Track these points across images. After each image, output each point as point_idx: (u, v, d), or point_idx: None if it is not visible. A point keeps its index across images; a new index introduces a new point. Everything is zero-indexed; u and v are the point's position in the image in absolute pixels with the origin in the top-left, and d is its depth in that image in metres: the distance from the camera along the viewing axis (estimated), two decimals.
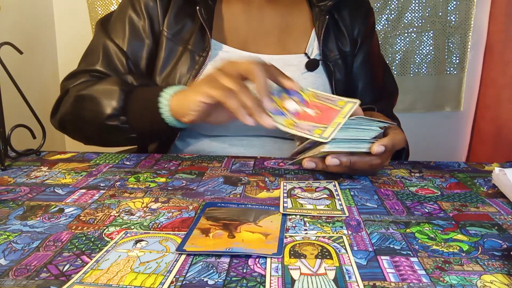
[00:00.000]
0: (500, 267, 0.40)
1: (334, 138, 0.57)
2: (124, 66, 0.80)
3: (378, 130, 0.61)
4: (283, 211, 0.51)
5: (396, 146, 0.61)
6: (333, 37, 0.85)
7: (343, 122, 0.57)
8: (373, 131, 0.60)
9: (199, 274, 0.38)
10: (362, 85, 0.90)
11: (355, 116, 0.59)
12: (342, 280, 0.37)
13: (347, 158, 0.59)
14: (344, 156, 0.59)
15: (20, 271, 0.38)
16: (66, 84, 0.81)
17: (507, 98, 1.42)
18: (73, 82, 0.80)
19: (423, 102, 1.53)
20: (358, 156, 0.60)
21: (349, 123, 0.59)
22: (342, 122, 0.57)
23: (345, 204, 0.54)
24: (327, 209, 0.52)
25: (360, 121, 0.60)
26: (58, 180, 0.62)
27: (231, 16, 0.85)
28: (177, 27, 0.81)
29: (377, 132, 0.61)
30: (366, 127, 0.60)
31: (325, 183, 0.61)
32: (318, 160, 0.61)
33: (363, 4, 0.91)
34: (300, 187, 0.60)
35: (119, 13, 0.84)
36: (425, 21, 1.45)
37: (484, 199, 0.56)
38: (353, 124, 0.59)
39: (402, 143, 0.63)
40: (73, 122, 0.79)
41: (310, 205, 0.54)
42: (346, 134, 0.58)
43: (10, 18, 1.21)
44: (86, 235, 0.45)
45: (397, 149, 0.63)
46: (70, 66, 0.86)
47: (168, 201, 0.54)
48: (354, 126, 0.59)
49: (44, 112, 0.81)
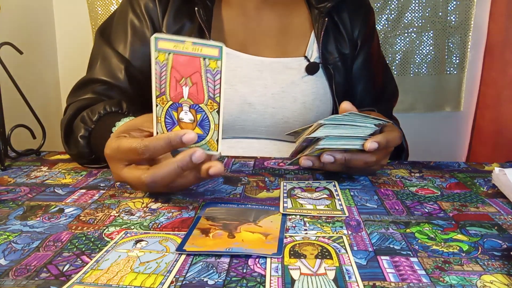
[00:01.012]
0: (500, 267, 0.40)
1: (328, 135, 0.57)
2: (123, 74, 0.79)
3: (373, 128, 0.60)
4: (283, 211, 0.51)
5: (390, 143, 0.61)
6: (332, 40, 0.84)
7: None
8: (368, 128, 0.60)
9: (199, 274, 0.38)
10: (362, 87, 0.89)
11: (349, 112, 0.59)
12: (342, 280, 0.37)
13: (342, 155, 0.59)
14: (338, 153, 0.59)
15: (20, 271, 0.38)
16: (68, 99, 0.81)
17: (507, 98, 1.42)
18: (70, 99, 0.79)
19: (423, 102, 1.53)
20: (353, 153, 0.59)
21: (343, 119, 0.58)
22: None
23: (345, 204, 0.54)
24: (327, 209, 0.52)
25: (354, 117, 0.59)
26: (58, 180, 0.62)
27: (229, 17, 0.84)
28: (176, 28, 0.80)
29: (373, 130, 0.60)
30: (361, 123, 0.59)
31: (325, 183, 0.61)
32: (315, 158, 0.60)
33: (363, 5, 0.90)
34: (300, 187, 0.60)
35: (120, 17, 0.83)
36: (425, 21, 1.45)
37: (484, 199, 0.56)
38: (348, 121, 0.59)
39: (397, 140, 0.62)
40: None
41: (310, 205, 0.54)
42: (340, 131, 0.58)
43: (10, 18, 1.21)
44: (86, 235, 0.45)
45: (392, 146, 0.62)
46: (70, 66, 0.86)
47: (168, 201, 0.54)
48: (349, 122, 0.59)
49: (44, 112, 0.81)
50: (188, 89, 0.49)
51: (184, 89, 0.49)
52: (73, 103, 0.77)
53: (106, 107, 0.68)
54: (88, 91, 0.78)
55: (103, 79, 0.79)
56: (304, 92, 0.81)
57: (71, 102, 0.78)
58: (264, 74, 0.81)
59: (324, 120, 0.57)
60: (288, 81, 0.81)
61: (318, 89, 0.83)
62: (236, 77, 0.80)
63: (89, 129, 0.67)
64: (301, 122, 0.82)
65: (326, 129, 0.58)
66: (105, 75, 0.79)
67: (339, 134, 0.58)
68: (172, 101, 0.50)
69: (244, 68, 0.81)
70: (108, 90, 0.78)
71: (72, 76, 0.85)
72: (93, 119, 0.68)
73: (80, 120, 0.69)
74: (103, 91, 0.78)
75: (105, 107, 0.68)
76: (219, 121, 0.50)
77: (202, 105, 0.50)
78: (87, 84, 0.80)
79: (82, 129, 0.68)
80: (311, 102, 0.82)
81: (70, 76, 0.85)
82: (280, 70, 0.82)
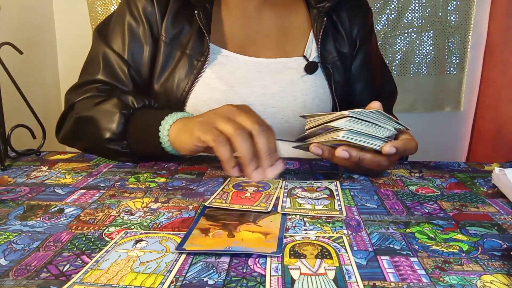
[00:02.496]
0: (500, 267, 0.40)
1: (350, 129, 0.56)
2: (126, 75, 0.79)
3: (392, 131, 0.60)
4: (282, 211, 0.51)
5: (406, 152, 0.60)
6: (331, 39, 0.85)
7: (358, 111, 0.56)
8: (388, 131, 0.59)
9: (199, 274, 0.38)
10: (362, 86, 0.90)
11: (375, 110, 0.58)
12: (342, 280, 0.37)
13: (357, 154, 0.58)
14: (355, 150, 0.58)
15: (20, 271, 0.38)
16: (70, 97, 0.79)
17: (507, 98, 1.42)
18: (77, 96, 0.78)
19: (423, 102, 1.53)
20: (369, 153, 0.59)
21: (369, 115, 0.57)
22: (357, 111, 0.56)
23: (345, 204, 0.54)
24: (325, 209, 0.52)
25: (379, 116, 0.58)
26: (58, 180, 0.62)
27: (229, 19, 0.84)
28: (175, 31, 0.80)
29: (391, 133, 0.60)
30: (383, 124, 0.59)
31: (327, 183, 0.61)
32: (326, 148, 0.60)
33: (361, 5, 0.90)
34: (301, 187, 0.60)
35: (117, 18, 0.82)
36: (425, 21, 1.45)
37: (484, 199, 0.56)
38: (372, 118, 0.58)
39: (413, 150, 0.61)
40: (76, 143, 0.78)
41: (309, 205, 0.54)
42: (361, 127, 0.57)
43: (10, 18, 1.21)
44: (86, 235, 0.45)
45: (406, 155, 0.62)
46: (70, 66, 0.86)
47: (168, 201, 0.54)
48: (372, 120, 0.58)
49: (44, 112, 0.81)
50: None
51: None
52: (84, 99, 0.77)
53: (145, 100, 0.73)
54: (92, 89, 0.78)
55: (107, 81, 0.79)
56: (304, 91, 0.81)
57: (77, 99, 0.77)
58: (263, 74, 0.81)
59: (349, 112, 0.56)
60: (287, 81, 0.81)
61: (317, 88, 0.83)
62: (235, 79, 0.80)
63: (130, 111, 0.70)
64: (301, 122, 0.82)
65: (349, 122, 0.57)
66: (109, 77, 0.79)
67: (360, 130, 0.57)
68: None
69: (243, 70, 0.81)
70: (111, 91, 0.79)
71: (72, 76, 0.84)
72: (136, 105, 0.71)
73: (119, 102, 0.72)
74: (107, 92, 0.78)
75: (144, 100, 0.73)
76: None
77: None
78: (89, 83, 0.79)
79: (121, 109, 0.70)
80: (310, 101, 0.82)
81: (70, 76, 0.84)
82: (279, 70, 0.82)
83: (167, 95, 0.79)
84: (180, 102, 0.79)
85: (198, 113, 0.79)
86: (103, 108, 0.72)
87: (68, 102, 0.79)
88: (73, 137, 0.77)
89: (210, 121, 0.58)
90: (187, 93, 0.78)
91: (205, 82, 0.79)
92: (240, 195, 0.56)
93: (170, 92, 0.79)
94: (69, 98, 0.79)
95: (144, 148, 0.69)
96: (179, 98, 0.79)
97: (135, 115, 0.71)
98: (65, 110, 0.79)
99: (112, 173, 0.65)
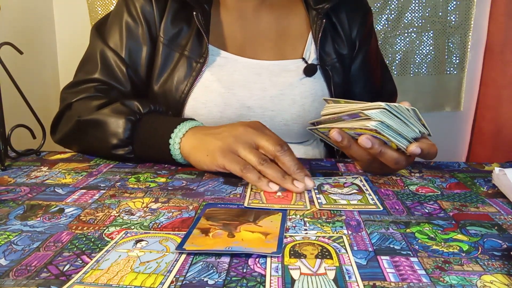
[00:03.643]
0: (500, 267, 0.40)
1: (382, 121, 0.56)
2: (124, 75, 0.79)
3: (417, 134, 0.60)
4: (319, 207, 0.52)
5: (427, 156, 0.60)
6: (330, 41, 0.84)
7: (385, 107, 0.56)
8: (413, 132, 0.59)
9: (199, 274, 0.38)
10: (361, 87, 0.89)
11: (411, 108, 0.58)
12: (342, 280, 0.37)
13: (380, 146, 0.58)
14: (377, 143, 0.58)
15: (20, 271, 0.38)
16: (67, 96, 0.79)
17: (507, 98, 1.42)
18: (74, 95, 0.77)
19: (423, 102, 1.53)
20: (390, 149, 0.59)
21: (404, 112, 0.57)
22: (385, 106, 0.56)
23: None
24: (360, 203, 0.53)
25: (413, 116, 0.58)
26: (58, 180, 0.62)
27: (227, 21, 0.83)
28: (173, 32, 0.79)
29: (416, 135, 0.60)
30: (412, 124, 0.59)
31: (351, 179, 0.63)
32: (346, 136, 0.59)
33: (361, 5, 0.89)
34: (328, 183, 0.61)
35: (115, 17, 0.82)
36: (425, 21, 1.45)
37: (484, 199, 0.57)
38: (405, 116, 0.57)
39: (433, 156, 0.61)
40: (74, 145, 0.77)
41: (344, 200, 0.55)
42: (392, 122, 0.57)
43: (10, 18, 1.21)
44: (86, 235, 0.45)
45: (427, 159, 0.61)
46: (70, 66, 0.86)
47: (168, 201, 0.54)
48: (404, 118, 0.57)
49: (44, 112, 0.81)
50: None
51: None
52: (82, 99, 0.76)
53: (151, 105, 0.71)
54: (89, 89, 0.78)
55: (104, 80, 0.79)
56: (303, 94, 0.81)
57: (75, 99, 0.76)
58: (262, 77, 0.81)
59: (386, 105, 0.56)
60: (286, 84, 0.81)
61: (316, 90, 0.82)
62: (234, 81, 0.79)
63: (137, 117, 0.69)
64: (300, 124, 0.82)
65: (382, 115, 0.56)
66: (106, 77, 0.79)
67: (390, 125, 0.57)
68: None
69: (242, 72, 0.80)
70: (108, 90, 0.78)
71: (72, 76, 0.84)
72: (142, 111, 0.70)
73: (124, 107, 0.70)
74: (104, 91, 0.78)
75: (150, 105, 0.71)
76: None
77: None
78: (86, 82, 0.79)
79: (127, 115, 0.69)
80: (310, 104, 0.81)
81: (70, 76, 0.84)
82: (278, 73, 0.82)
83: (166, 96, 0.79)
84: (179, 103, 0.79)
85: (197, 115, 0.79)
86: (107, 112, 0.70)
87: (64, 101, 0.78)
88: (72, 140, 0.76)
89: (231, 148, 0.59)
90: (186, 95, 0.78)
91: (204, 84, 0.78)
92: (272, 194, 0.57)
93: (169, 94, 0.79)
94: (65, 97, 0.79)
95: (152, 156, 0.69)
96: (178, 100, 0.78)
97: (142, 121, 0.69)
98: (61, 109, 0.78)
99: (112, 173, 0.65)
